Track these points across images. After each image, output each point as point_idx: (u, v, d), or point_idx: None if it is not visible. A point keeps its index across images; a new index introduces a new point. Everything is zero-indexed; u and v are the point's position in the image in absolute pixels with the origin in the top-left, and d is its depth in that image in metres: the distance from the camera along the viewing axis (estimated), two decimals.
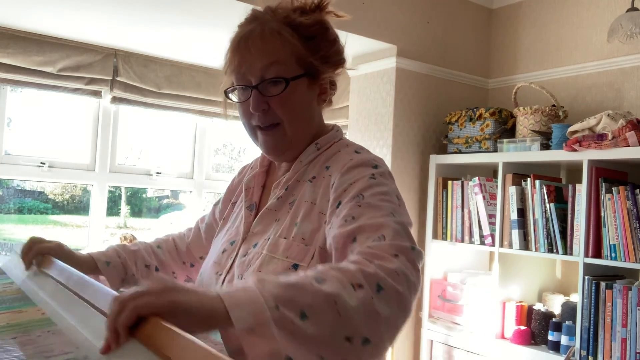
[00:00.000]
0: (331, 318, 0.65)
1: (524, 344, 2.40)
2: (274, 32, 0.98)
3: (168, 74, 3.16)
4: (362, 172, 0.94)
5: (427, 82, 2.95)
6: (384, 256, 0.76)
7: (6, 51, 2.71)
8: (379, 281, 0.72)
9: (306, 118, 1.04)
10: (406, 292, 0.75)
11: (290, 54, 0.98)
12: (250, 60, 0.98)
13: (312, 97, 1.04)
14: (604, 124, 2.17)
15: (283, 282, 0.66)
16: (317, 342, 0.64)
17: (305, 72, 1.00)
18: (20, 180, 3.47)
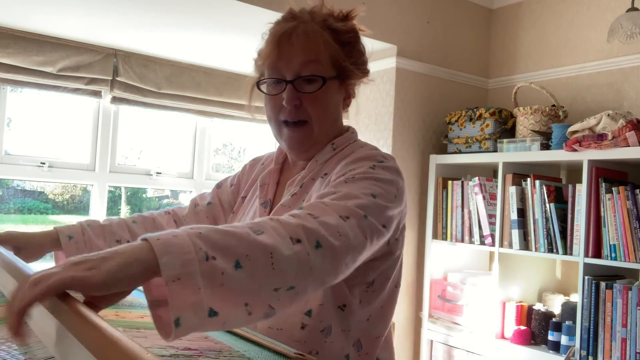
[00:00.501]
0: (265, 270, 0.64)
1: (524, 344, 2.41)
2: (317, 32, 1.01)
3: (168, 74, 3.16)
4: (365, 163, 0.95)
5: (427, 82, 2.95)
6: (330, 213, 0.76)
7: (6, 51, 2.71)
8: (318, 238, 0.71)
9: (333, 119, 1.07)
10: (343, 251, 0.74)
11: (328, 55, 1.01)
12: (290, 55, 1.00)
13: (340, 100, 1.08)
14: (604, 124, 2.17)
15: (220, 229, 0.64)
16: (244, 293, 0.62)
17: (338, 74, 1.04)
18: (20, 180, 3.47)
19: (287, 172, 1.15)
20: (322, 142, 1.06)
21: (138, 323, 0.91)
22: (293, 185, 1.06)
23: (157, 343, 0.77)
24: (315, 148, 1.06)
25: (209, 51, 3.04)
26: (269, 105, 1.07)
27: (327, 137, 1.07)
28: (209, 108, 3.34)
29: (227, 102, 3.37)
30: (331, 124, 1.07)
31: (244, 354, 0.75)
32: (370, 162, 0.95)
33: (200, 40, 2.88)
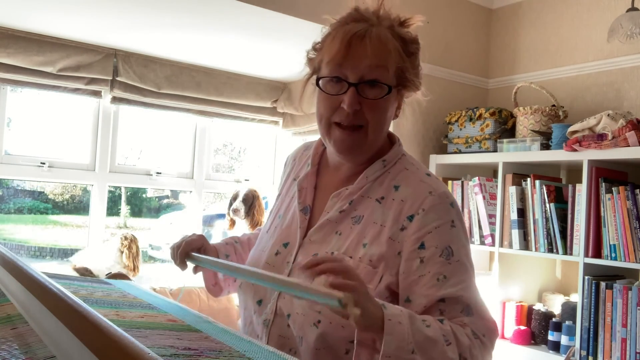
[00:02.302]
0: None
1: (524, 344, 2.41)
2: (389, 38, 0.99)
3: (168, 74, 3.16)
4: (443, 215, 0.98)
5: (427, 82, 2.93)
6: (480, 338, 0.91)
7: (6, 51, 2.71)
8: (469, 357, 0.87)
9: (386, 127, 1.05)
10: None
11: (394, 62, 0.99)
12: (359, 57, 0.97)
13: (394, 109, 1.06)
14: (604, 124, 2.17)
15: (425, 333, 0.83)
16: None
17: (398, 84, 1.02)
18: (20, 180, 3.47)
19: (325, 176, 1.12)
20: (373, 148, 1.04)
21: (138, 323, 0.92)
22: (340, 199, 1.04)
23: (157, 343, 0.77)
24: (366, 153, 1.04)
25: (209, 51, 3.04)
26: (323, 103, 1.02)
27: (378, 143, 1.05)
28: (209, 108, 3.34)
29: (227, 102, 3.37)
30: (384, 131, 1.05)
31: (244, 354, 0.75)
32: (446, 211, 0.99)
33: (200, 40, 2.88)
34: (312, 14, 2.50)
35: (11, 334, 0.77)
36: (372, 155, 1.05)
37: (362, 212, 1.01)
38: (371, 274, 0.95)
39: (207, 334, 0.86)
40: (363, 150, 1.03)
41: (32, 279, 0.78)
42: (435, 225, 0.96)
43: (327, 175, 1.11)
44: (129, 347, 0.48)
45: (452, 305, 0.92)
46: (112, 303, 1.08)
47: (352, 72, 0.98)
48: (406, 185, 1.02)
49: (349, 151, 1.03)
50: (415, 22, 1.07)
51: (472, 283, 0.97)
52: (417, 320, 0.84)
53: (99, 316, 0.55)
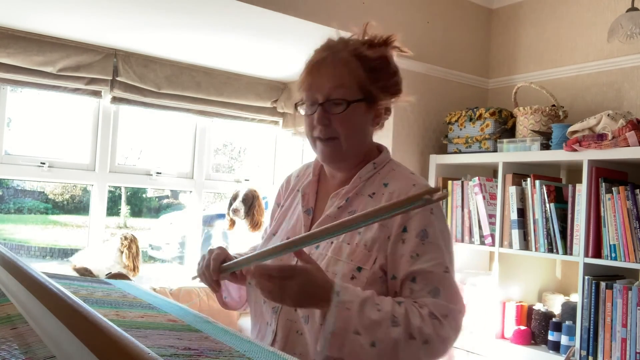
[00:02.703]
0: (389, 354, 0.96)
1: (524, 344, 2.41)
2: (343, 61, 1.16)
3: (168, 74, 3.16)
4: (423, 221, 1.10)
5: (427, 82, 2.95)
6: (439, 318, 1.01)
7: (6, 51, 2.71)
8: (428, 339, 0.99)
9: (360, 136, 1.21)
10: (443, 350, 1.01)
11: (353, 80, 1.15)
12: (320, 82, 1.16)
13: (368, 120, 1.21)
14: (604, 124, 2.17)
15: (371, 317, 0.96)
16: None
17: (364, 97, 1.17)
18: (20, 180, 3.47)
19: (324, 183, 1.29)
20: (352, 156, 1.21)
21: (138, 323, 0.92)
22: (338, 197, 1.20)
23: (157, 343, 0.77)
24: (346, 160, 1.21)
25: (209, 51, 3.04)
26: (305, 123, 1.21)
27: (356, 151, 1.21)
28: (209, 108, 3.34)
29: (227, 102, 3.37)
30: (359, 140, 1.20)
31: (244, 354, 0.75)
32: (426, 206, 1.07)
33: (200, 40, 2.88)
34: (312, 14, 2.50)
35: (11, 334, 0.77)
36: (362, 161, 1.22)
37: (356, 207, 1.17)
38: (366, 256, 1.10)
39: (207, 334, 0.86)
40: (342, 158, 1.20)
41: (32, 279, 0.78)
42: (416, 212, 1.09)
43: (326, 183, 1.28)
44: (129, 347, 0.48)
45: (423, 284, 1.05)
46: (112, 303, 1.08)
47: (319, 94, 1.16)
48: (394, 181, 1.18)
49: (330, 159, 1.21)
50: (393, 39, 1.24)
51: (444, 263, 1.07)
52: (368, 305, 0.98)
53: (99, 316, 0.55)
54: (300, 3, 2.46)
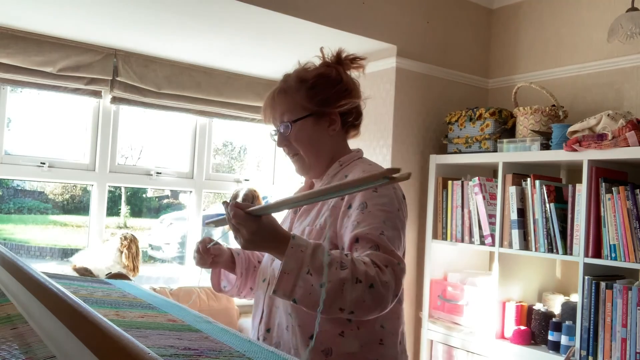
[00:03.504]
0: (337, 293, 1.06)
1: (524, 344, 2.41)
2: (282, 90, 1.37)
3: (168, 74, 3.16)
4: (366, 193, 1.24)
5: (427, 82, 2.95)
6: (380, 266, 1.13)
7: (6, 51, 2.71)
8: (373, 282, 1.09)
9: (317, 147, 1.36)
10: (387, 296, 1.11)
11: (295, 103, 1.34)
12: (271, 113, 1.38)
13: (321, 130, 1.36)
14: (604, 124, 2.17)
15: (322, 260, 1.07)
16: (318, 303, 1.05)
17: (309, 114, 1.34)
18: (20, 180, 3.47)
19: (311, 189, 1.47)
20: (317, 165, 1.39)
21: (138, 323, 0.92)
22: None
23: (157, 343, 0.77)
24: (314, 170, 1.39)
25: (209, 51, 3.04)
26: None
27: (318, 160, 1.38)
28: (209, 108, 3.34)
29: (227, 102, 3.37)
30: (316, 150, 1.37)
31: (244, 354, 0.75)
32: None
33: (200, 40, 2.88)
34: (312, 14, 2.50)
35: (11, 334, 0.77)
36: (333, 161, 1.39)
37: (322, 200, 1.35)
38: (320, 233, 1.28)
39: (207, 334, 0.86)
40: (309, 168, 1.39)
41: (32, 279, 0.78)
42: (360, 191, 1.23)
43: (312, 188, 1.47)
44: (129, 347, 0.48)
45: (364, 244, 1.19)
46: (112, 303, 1.08)
47: (275, 123, 1.39)
48: (352, 172, 1.35)
49: (300, 172, 1.42)
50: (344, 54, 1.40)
51: (381, 228, 1.20)
52: (319, 250, 1.09)
53: (99, 316, 0.55)
54: (300, 3, 2.46)
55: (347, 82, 1.38)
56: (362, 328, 1.26)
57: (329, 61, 1.40)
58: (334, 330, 1.24)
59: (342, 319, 1.25)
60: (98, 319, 0.54)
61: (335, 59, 1.40)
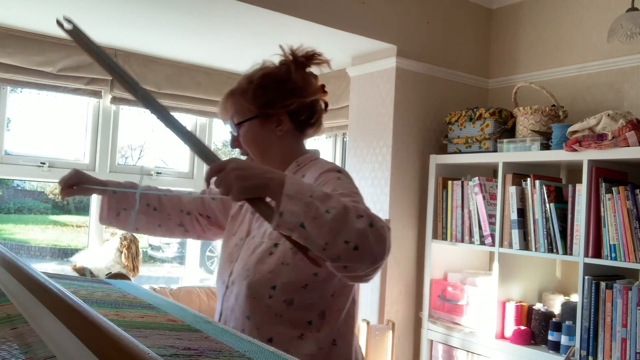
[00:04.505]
0: (342, 221, 0.99)
1: (524, 344, 2.41)
2: (231, 92, 1.37)
3: (168, 74, 3.16)
4: (330, 175, 1.25)
5: (427, 82, 2.95)
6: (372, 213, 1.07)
7: (6, 51, 2.71)
8: (372, 222, 1.03)
9: (263, 148, 1.36)
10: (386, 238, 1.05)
11: (240, 105, 1.34)
12: (223, 115, 1.39)
13: (268, 131, 1.35)
14: (604, 124, 2.17)
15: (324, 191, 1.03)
16: (325, 231, 0.97)
17: (254, 116, 1.33)
18: (20, 180, 3.47)
19: None
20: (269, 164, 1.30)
21: (138, 323, 0.92)
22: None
23: (157, 343, 0.77)
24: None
25: (209, 51, 3.04)
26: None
27: (269, 161, 1.35)
28: (209, 108, 3.34)
29: None
30: (265, 150, 1.36)
31: (244, 354, 0.75)
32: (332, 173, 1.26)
33: (200, 40, 2.88)
34: (312, 14, 2.50)
35: (11, 334, 0.77)
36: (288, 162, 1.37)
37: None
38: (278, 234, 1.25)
39: (207, 334, 0.86)
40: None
41: (32, 279, 0.78)
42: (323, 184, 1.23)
43: None
44: (129, 347, 0.48)
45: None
46: (112, 303, 1.08)
47: (228, 125, 1.39)
48: (309, 173, 1.32)
49: None
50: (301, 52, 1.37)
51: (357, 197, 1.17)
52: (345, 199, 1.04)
53: (99, 316, 0.55)
54: (300, 3, 2.46)
55: (295, 81, 1.34)
56: (322, 331, 1.25)
57: (286, 59, 1.37)
58: (294, 333, 1.23)
59: (303, 322, 1.24)
60: (98, 319, 0.54)
61: (291, 56, 1.36)
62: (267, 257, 1.26)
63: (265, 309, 1.24)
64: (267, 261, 1.25)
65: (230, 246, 1.40)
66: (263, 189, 1.00)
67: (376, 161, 2.88)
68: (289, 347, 1.21)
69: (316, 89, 1.37)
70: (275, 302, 1.24)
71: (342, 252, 0.99)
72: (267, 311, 1.24)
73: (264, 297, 1.24)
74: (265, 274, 1.24)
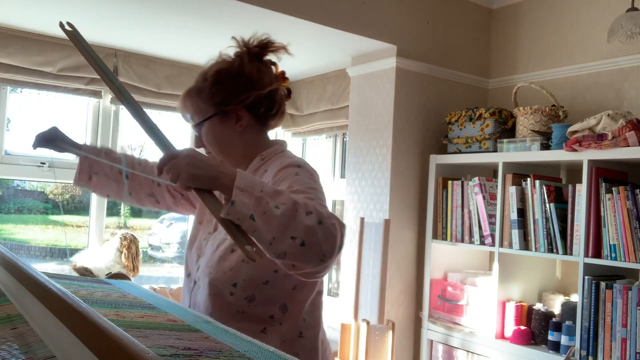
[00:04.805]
0: (291, 217, 1.00)
1: (524, 344, 2.41)
2: (189, 92, 1.36)
3: (168, 74, 3.16)
4: (289, 171, 1.25)
5: (427, 82, 2.95)
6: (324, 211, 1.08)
7: (6, 51, 2.71)
8: (321, 219, 1.04)
9: (225, 145, 1.35)
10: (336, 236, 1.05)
11: (198, 106, 1.34)
12: (184, 115, 1.38)
13: (229, 128, 1.33)
14: (604, 124, 2.17)
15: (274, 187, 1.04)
16: (273, 226, 0.98)
17: (212, 114, 1.32)
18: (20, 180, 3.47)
19: None
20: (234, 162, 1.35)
21: (138, 323, 0.92)
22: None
23: (157, 343, 0.77)
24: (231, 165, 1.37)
25: (209, 51, 3.04)
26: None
27: (232, 157, 1.36)
28: None
29: None
30: (226, 147, 1.35)
31: (244, 354, 0.75)
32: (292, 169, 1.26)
33: (200, 40, 2.88)
34: (312, 14, 2.50)
35: (11, 334, 0.77)
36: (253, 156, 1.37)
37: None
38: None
39: (207, 334, 0.86)
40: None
41: (32, 279, 0.78)
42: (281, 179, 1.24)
43: None
44: (129, 347, 0.48)
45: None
46: (112, 303, 1.08)
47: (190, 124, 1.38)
48: (272, 167, 1.31)
49: None
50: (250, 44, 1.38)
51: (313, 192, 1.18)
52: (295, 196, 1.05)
53: (99, 316, 0.55)
54: (300, 3, 2.46)
55: (249, 74, 1.32)
56: (284, 323, 1.26)
57: (240, 50, 1.37)
58: (257, 328, 1.24)
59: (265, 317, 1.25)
60: (98, 319, 0.54)
61: (245, 47, 1.36)
62: (228, 254, 1.26)
63: (228, 305, 1.25)
64: (228, 259, 1.26)
65: (199, 239, 1.41)
66: (213, 181, 1.00)
67: (376, 161, 2.88)
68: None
69: (273, 78, 1.35)
70: (236, 300, 1.25)
71: (289, 247, 1.00)
72: (229, 308, 1.25)
73: (225, 295, 1.25)
74: (226, 272, 1.25)
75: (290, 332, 1.27)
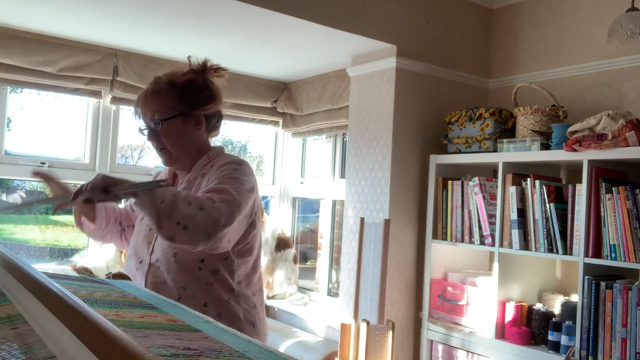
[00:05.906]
0: (172, 208, 1.32)
1: (524, 344, 2.41)
2: (155, 92, 1.57)
3: None
4: (229, 167, 1.54)
5: (427, 82, 2.95)
6: (213, 198, 1.39)
7: (6, 51, 2.71)
8: (203, 206, 1.35)
9: (184, 141, 1.59)
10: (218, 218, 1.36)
11: (166, 103, 1.56)
12: (144, 111, 1.59)
13: (188, 128, 1.59)
14: (604, 124, 2.17)
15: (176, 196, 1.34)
16: (164, 215, 1.31)
17: (178, 114, 1.56)
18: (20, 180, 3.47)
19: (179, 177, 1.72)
20: (183, 158, 1.61)
21: (138, 323, 0.92)
22: (183, 182, 1.64)
23: (157, 343, 0.77)
24: (180, 162, 1.62)
25: (209, 51, 3.04)
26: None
27: (185, 154, 1.61)
28: None
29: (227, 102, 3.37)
30: (184, 145, 1.59)
31: (244, 354, 0.75)
32: (231, 165, 1.55)
33: (200, 41, 2.88)
34: (312, 14, 2.50)
35: (11, 334, 0.77)
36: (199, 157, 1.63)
37: (192, 185, 1.61)
38: None
39: (207, 334, 0.86)
40: (175, 161, 1.62)
41: (32, 279, 0.78)
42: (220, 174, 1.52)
43: (180, 177, 1.71)
44: (129, 347, 0.48)
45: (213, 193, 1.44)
46: (112, 303, 1.08)
47: (146, 119, 1.60)
48: (216, 162, 1.59)
49: (167, 164, 1.65)
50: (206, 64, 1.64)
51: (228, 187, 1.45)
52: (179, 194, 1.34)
53: (99, 316, 0.55)
54: (300, 3, 2.46)
55: (212, 89, 1.61)
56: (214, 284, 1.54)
57: (196, 69, 1.61)
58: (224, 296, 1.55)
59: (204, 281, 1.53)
60: (98, 319, 0.54)
61: (201, 68, 1.62)
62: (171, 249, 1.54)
63: (196, 279, 1.52)
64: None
65: (144, 229, 1.63)
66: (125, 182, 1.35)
67: (376, 161, 2.88)
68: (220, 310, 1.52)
69: (222, 100, 1.66)
70: (205, 273, 1.53)
71: (175, 231, 1.32)
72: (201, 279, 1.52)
73: (194, 270, 1.52)
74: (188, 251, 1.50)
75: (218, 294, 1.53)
